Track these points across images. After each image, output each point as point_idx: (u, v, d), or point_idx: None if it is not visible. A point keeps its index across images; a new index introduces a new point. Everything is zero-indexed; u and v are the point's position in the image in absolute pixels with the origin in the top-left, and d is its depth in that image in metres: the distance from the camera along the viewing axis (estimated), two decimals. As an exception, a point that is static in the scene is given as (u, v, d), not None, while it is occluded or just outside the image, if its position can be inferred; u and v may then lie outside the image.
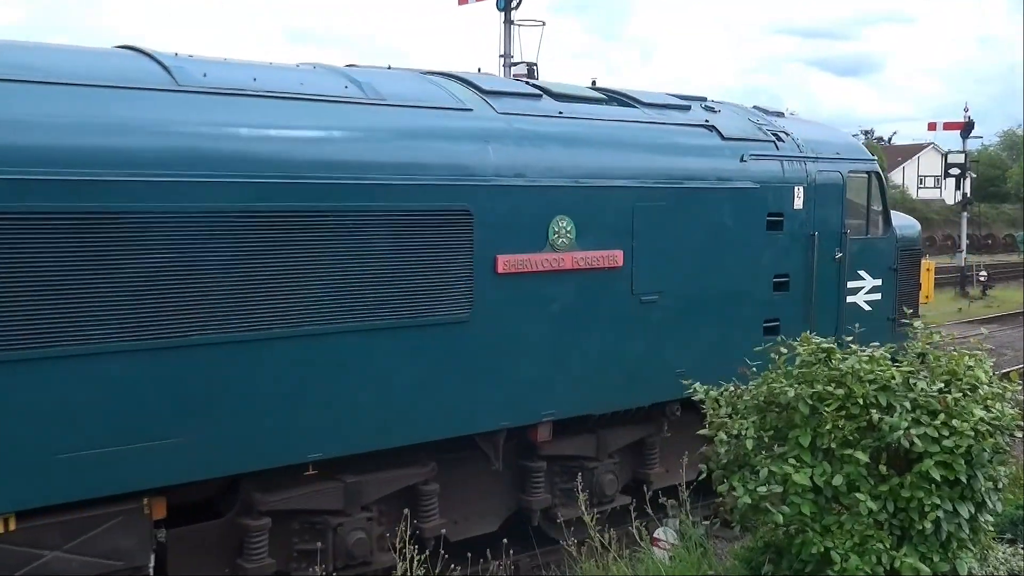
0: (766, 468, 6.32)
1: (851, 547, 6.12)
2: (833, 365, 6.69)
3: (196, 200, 6.86)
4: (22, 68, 6.59)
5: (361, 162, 7.68)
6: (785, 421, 6.61)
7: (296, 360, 7.41)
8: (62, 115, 6.54)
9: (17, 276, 6.23)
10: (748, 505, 6.28)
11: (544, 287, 8.79)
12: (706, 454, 7.12)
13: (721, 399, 7.18)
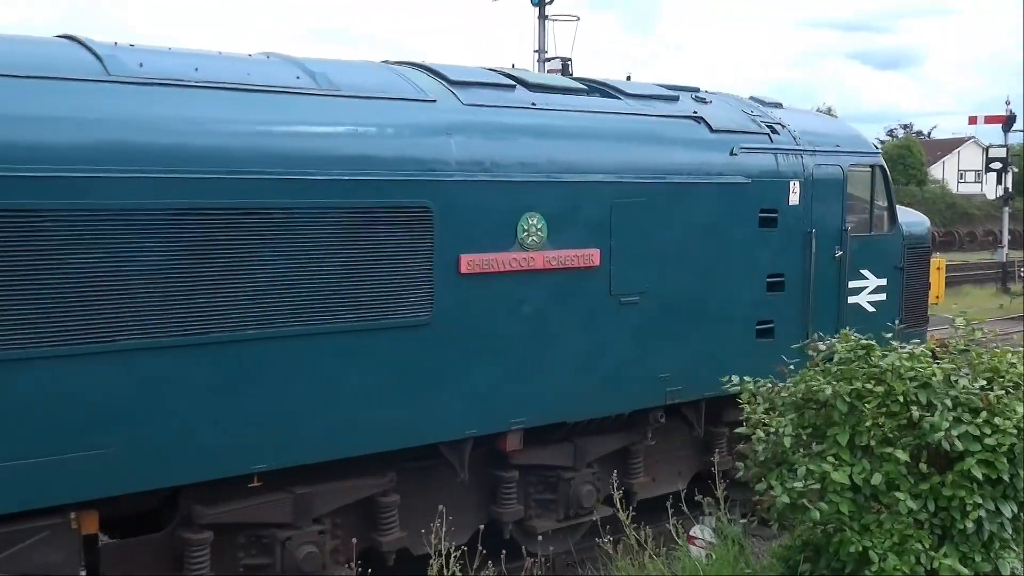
0: (804, 466, 6.28)
1: (890, 547, 6.06)
2: (872, 362, 6.61)
3: (122, 197, 6.47)
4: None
5: (308, 156, 7.27)
6: (823, 419, 6.57)
7: (235, 366, 7.01)
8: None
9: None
10: (786, 504, 6.23)
11: (513, 288, 8.35)
12: (743, 452, 7.13)
13: (759, 395, 7.10)
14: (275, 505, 7.57)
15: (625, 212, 8.99)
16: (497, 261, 8.20)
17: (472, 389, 8.20)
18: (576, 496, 9.28)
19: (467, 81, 8.60)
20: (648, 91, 9.98)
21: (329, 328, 7.38)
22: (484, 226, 8.14)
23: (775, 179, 10.22)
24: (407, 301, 7.75)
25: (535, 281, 8.47)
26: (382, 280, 7.60)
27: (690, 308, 9.58)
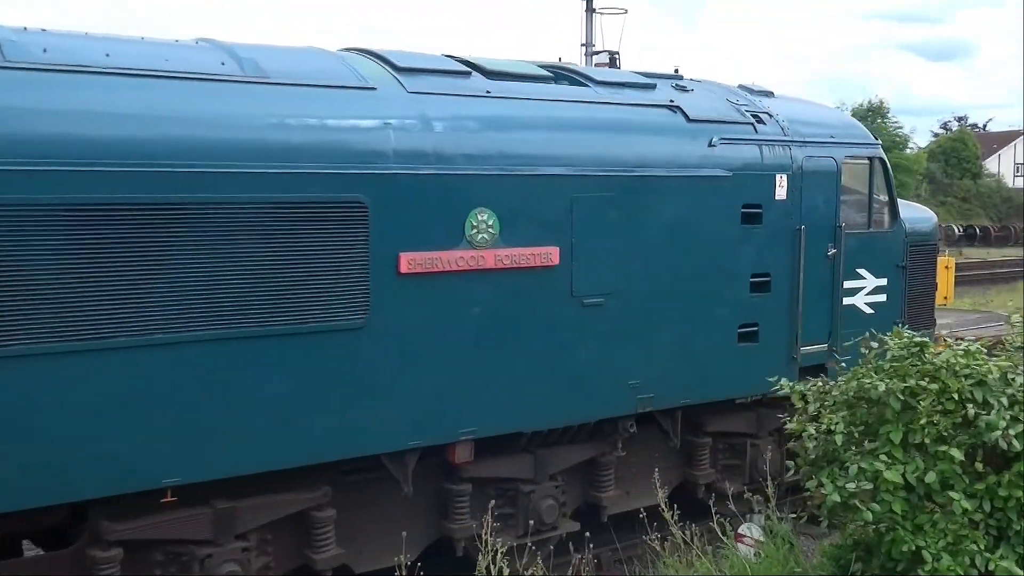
0: (856, 464, 6.22)
1: (944, 547, 6.01)
2: (927, 359, 6.59)
3: (11, 191, 6.03)
4: None
5: (225, 147, 6.79)
6: (876, 416, 6.53)
7: (144, 373, 6.53)
8: None
9: None
10: (837, 503, 6.19)
11: (461, 289, 7.81)
12: (793, 450, 7.08)
13: (809, 394, 7.03)
14: (192, 521, 7.09)
15: (588, 208, 8.41)
16: (442, 260, 7.67)
17: (414, 397, 7.68)
18: (536, 511, 8.72)
19: (415, 68, 8.08)
20: (621, 79, 9.39)
21: (251, 332, 6.89)
22: (428, 222, 7.61)
23: (759, 172, 9.58)
24: (339, 303, 7.24)
25: (486, 281, 7.93)
26: (311, 281, 7.10)
27: (663, 310, 8.99)
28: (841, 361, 7.38)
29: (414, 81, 7.91)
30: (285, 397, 7.09)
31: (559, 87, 8.89)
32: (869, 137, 10.81)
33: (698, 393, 9.43)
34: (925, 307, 11.35)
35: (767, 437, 10.34)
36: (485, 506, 8.60)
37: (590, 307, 8.53)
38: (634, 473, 9.71)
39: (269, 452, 7.09)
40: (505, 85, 8.46)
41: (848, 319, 10.37)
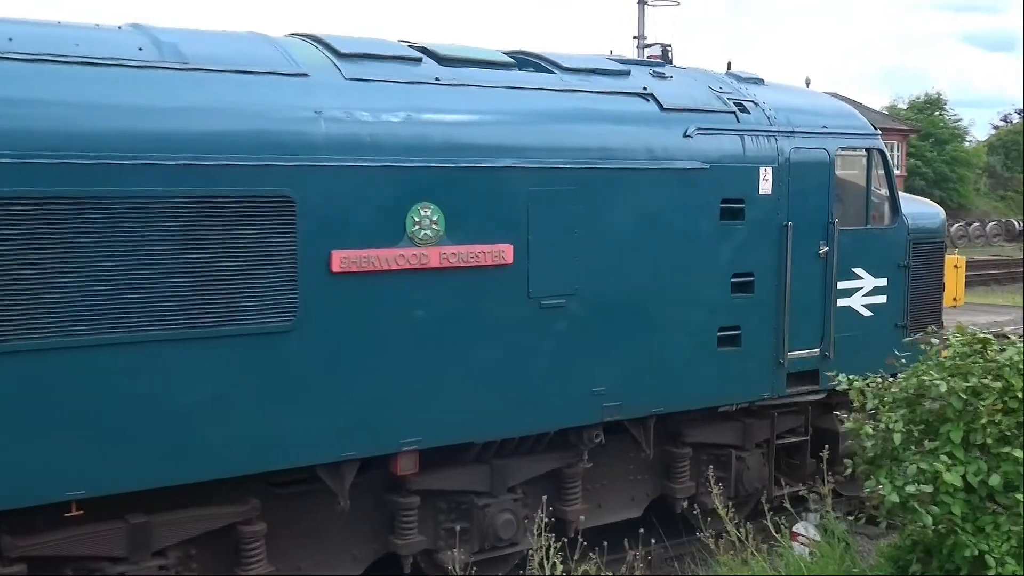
0: (915, 464, 6.14)
1: (1008, 550, 5.90)
2: (989, 357, 6.46)
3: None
4: None
5: (135, 137, 6.33)
6: (936, 415, 6.39)
7: (42, 379, 6.14)
8: None
9: None
10: (895, 503, 6.10)
11: (402, 289, 7.30)
12: (851, 448, 7.03)
13: (867, 391, 6.90)
14: (103, 536, 6.66)
15: (546, 202, 7.87)
16: (380, 258, 7.17)
17: (349, 405, 7.18)
18: (492, 526, 8.20)
19: (358, 53, 7.58)
20: (591, 65, 8.81)
21: (163, 336, 6.45)
22: (364, 218, 7.12)
23: (741, 165, 8.97)
24: (263, 304, 6.77)
25: (430, 281, 7.42)
26: (231, 281, 6.63)
27: (632, 312, 8.42)
28: (900, 357, 7.22)
29: (354, 67, 7.42)
30: (203, 405, 6.64)
31: (519, 74, 8.35)
32: (867, 127, 10.13)
33: (673, 401, 8.84)
34: (931, 309, 10.65)
35: (754, 450, 9.73)
36: (436, 520, 8.18)
37: (549, 309, 7.98)
38: (606, 485, 9.17)
39: (185, 464, 6.64)
40: (458, 72, 7.95)
41: (843, 322, 9.73)
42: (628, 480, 9.31)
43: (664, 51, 25.89)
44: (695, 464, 9.58)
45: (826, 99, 10.43)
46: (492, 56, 8.44)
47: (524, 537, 8.49)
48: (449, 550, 8.15)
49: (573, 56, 8.91)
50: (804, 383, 9.65)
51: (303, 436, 7.05)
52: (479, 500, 8.19)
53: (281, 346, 6.89)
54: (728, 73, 9.87)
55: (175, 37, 6.99)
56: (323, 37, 7.74)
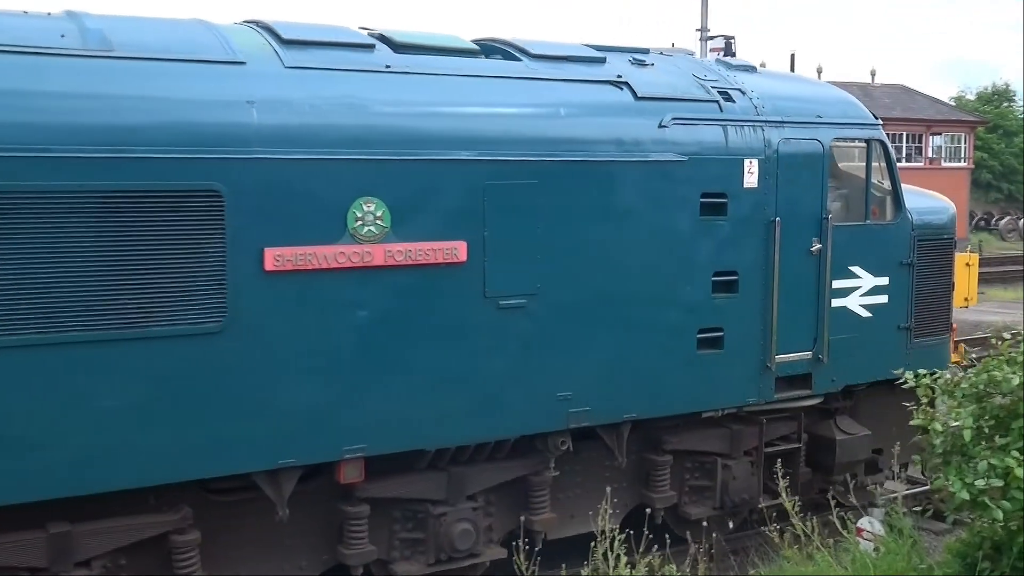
0: (986, 460, 6.08)
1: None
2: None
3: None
4: None
5: (47, 129, 6.00)
6: (1007, 410, 6.38)
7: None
8: None
9: None
10: (965, 500, 6.07)
11: (344, 288, 6.92)
12: (919, 444, 7.03)
13: (937, 386, 6.91)
14: (21, 546, 6.38)
15: (504, 197, 7.44)
16: (318, 256, 6.79)
17: (287, 411, 6.80)
18: (447, 536, 7.80)
19: (303, 40, 7.19)
20: (563, 52, 8.33)
21: (81, 337, 6.15)
22: (300, 214, 6.73)
23: (723, 157, 8.44)
24: (190, 305, 6.43)
25: (374, 280, 7.02)
26: (155, 280, 6.28)
27: (601, 313, 7.95)
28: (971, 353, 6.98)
29: (297, 55, 7.04)
30: (128, 409, 6.31)
31: (480, 62, 7.90)
32: (867, 116, 9.51)
33: (647, 407, 8.35)
34: (939, 310, 10.02)
35: (742, 458, 9.21)
36: (391, 529, 7.82)
37: (507, 310, 7.55)
38: (579, 494, 8.71)
39: (108, 471, 6.33)
40: (413, 60, 7.53)
41: (839, 323, 9.16)
42: (603, 489, 8.81)
43: (728, 44, 25.81)
44: (678, 472, 9.10)
45: (822, 87, 9.84)
46: (454, 43, 8.01)
47: (486, 548, 8.11)
48: (403, 561, 7.81)
49: (545, 43, 8.44)
50: (795, 388, 9.11)
51: (236, 442, 6.70)
52: (435, 509, 7.78)
53: (210, 348, 6.53)
54: (719, 60, 9.37)
55: (104, 24, 6.66)
56: (269, 23, 7.36)
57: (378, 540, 7.73)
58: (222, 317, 6.52)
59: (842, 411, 9.89)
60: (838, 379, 9.34)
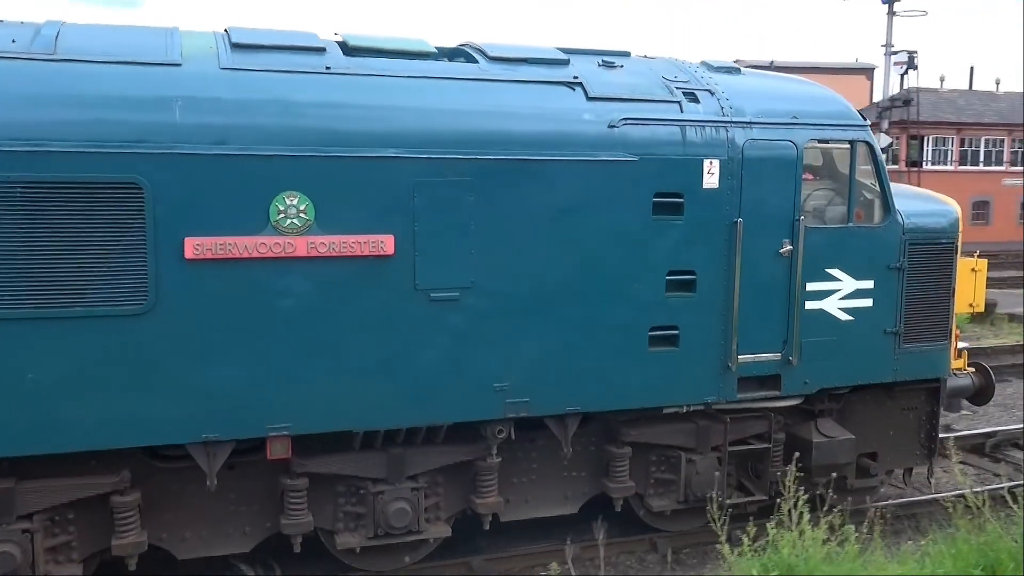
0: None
1: None
2: None
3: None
4: None
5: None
6: None
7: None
8: None
9: None
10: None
11: (267, 277, 6.84)
12: None
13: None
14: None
15: (435, 192, 7.17)
16: (239, 246, 6.74)
17: (209, 389, 6.82)
18: (384, 513, 7.63)
19: (251, 44, 7.15)
20: (524, 55, 7.95)
21: (7, 315, 6.32)
22: (222, 206, 6.70)
23: (679, 157, 7.85)
24: (114, 288, 6.50)
25: (298, 270, 6.91)
26: (80, 264, 6.40)
27: (541, 308, 7.57)
28: None
29: (238, 58, 7.01)
30: (58, 381, 6.46)
31: (428, 64, 7.63)
32: (852, 117, 8.64)
33: (594, 401, 7.91)
34: (935, 317, 9.04)
35: (709, 454, 8.61)
36: (336, 503, 7.73)
37: (439, 302, 7.29)
38: (534, 480, 8.37)
39: (41, 437, 6.50)
40: (357, 62, 7.36)
41: (814, 326, 8.41)
42: (561, 477, 8.46)
43: (910, 58, 25.38)
44: (644, 465, 8.60)
45: (806, 88, 8.98)
46: (411, 47, 7.78)
47: (430, 526, 7.90)
48: (346, 532, 7.71)
49: (508, 46, 8.08)
50: (764, 388, 8.43)
51: (161, 416, 6.76)
52: (374, 487, 7.65)
53: (134, 329, 6.61)
54: (703, 63, 8.70)
55: (58, 31, 6.82)
56: (232, 29, 7.37)
57: (324, 512, 7.68)
58: (144, 301, 6.57)
59: (827, 413, 9.09)
60: (812, 381, 8.58)
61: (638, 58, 8.55)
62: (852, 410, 9.29)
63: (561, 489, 8.46)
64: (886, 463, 9.56)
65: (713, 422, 8.59)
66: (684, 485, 8.56)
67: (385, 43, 7.72)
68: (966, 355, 9.83)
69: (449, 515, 8.08)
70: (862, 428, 9.30)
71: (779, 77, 9.15)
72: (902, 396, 9.50)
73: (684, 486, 8.56)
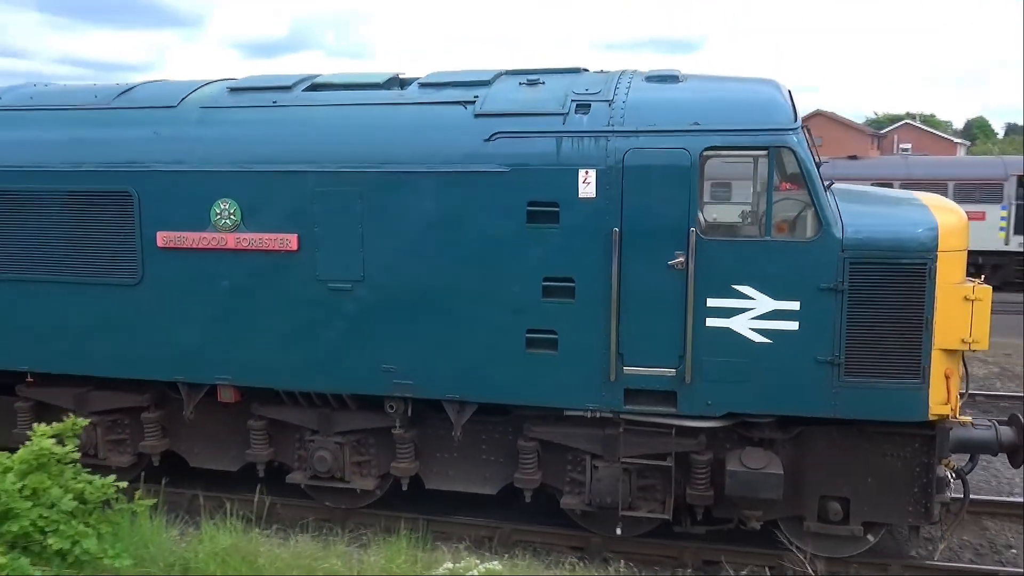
0: None
1: None
2: None
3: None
4: None
5: (38, 151, 8.11)
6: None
7: (10, 295, 8.32)
8: None
9: None
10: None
11: (209, 263, 7.77)
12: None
13: None
14: (64, 393, 8.54)
15: (332, 201, 7.43)
16: (189, 239, 7.78)
17: (179, 343, 7.96)
18: (311, 458, 8.00)
19: (242, 88, 8.11)
20: (450, 79, 7.67)
21: (59, 279, 8.12)
22: (179, 209, 7.79)
23: (554, 167, 6.95)
24: (121, 266, 7.99)
25: (229, 259, 7.72)
26: (100, 249, 8.01)
27: (424, 303, 7.35)
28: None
29: (223, 98, 8.01)
30: (84, 324, 8.14)
31: (354, 93, 7.77)
32: (771, 122, 6.60)
33: (472, 392, 7.39)
34: (898, 350, 6.52)
35: (615, 463, 7.35)
36: (291, 444, 8.33)
37: (336, 291, 7.52)
38: (456, 457, 7.99)
39: (73, 362, 8.25)
40: (307, 95, 7.87)
41: (717, 345, 6.80)
42: (483, 459, 7.92)
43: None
44: (561, 463, 7.67)
45: (725, 94, 6.99)
46: (363, 80, 7.98)
47: (357, 479, 8.07)
48: (296, 471, 8.26)
49: (449, 73, 7.83)
50: (659, 403, 6.99)
51: (150, 359, 8.06)
52: (308, 436, 8.09)
53: (131, 294, 8.03)
54: (648, 73, 7.42)
55: (129, 87, 8.48)
56: (243, 78, 8.36)
57: (285, 451, 8.34)
58: (135, 276, 7.95)
59: (772, 444, 7.12)
60: (715, 404, 6.89)
61: (573, 74, 7.63)
62: (812, 446, 7.15)
63: (481, 471, 7.95)
64: (863, 514, 7.14)
65: (618, 431, 7.33)
66: (590, 489, 7.45)
67: (345, 79, 8.08)
68: (955, 399, 6.77)
69: (379, 474, 8.14)
70: (823, 467, 7.14)
71: (708, 83, 7.28)
72: (883, 440, 7.03)
73: (590, 490, 7.45)
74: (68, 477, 5.51)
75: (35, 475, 5.34)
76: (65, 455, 5.53)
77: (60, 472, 5.49)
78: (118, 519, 5.77)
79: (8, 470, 5.37)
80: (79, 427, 5.80)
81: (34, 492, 5.29)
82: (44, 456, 5.42)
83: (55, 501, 5.27)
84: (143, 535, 6.50)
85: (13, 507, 5.06)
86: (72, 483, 5.47)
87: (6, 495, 5.08)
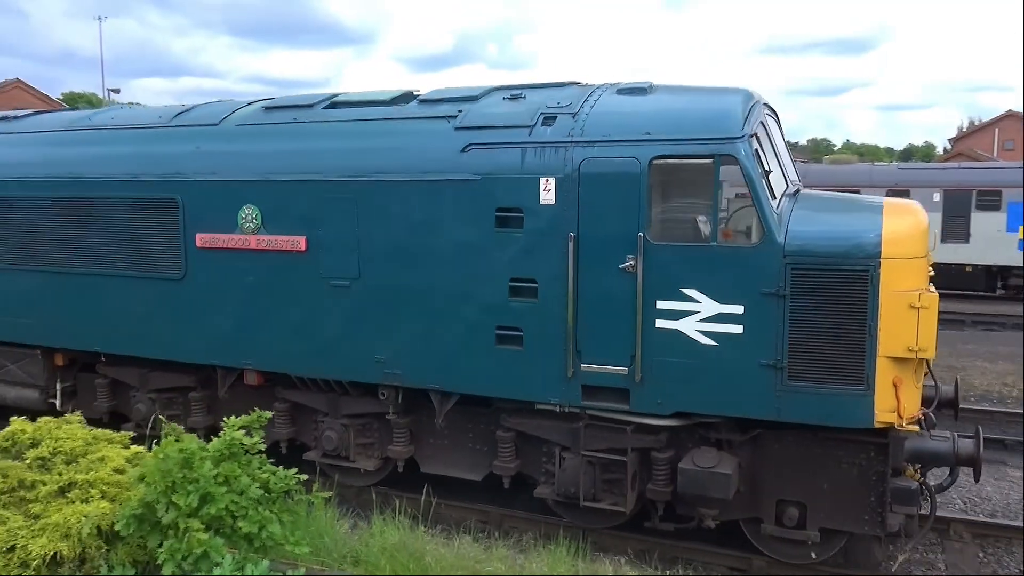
0: None
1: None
2: None
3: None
4: None
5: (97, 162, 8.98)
6: None
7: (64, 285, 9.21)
8: None
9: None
10: None
11: (236, 261, 8.37)
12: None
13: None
14: (130, 372, 9.41)
15: (332, 207, 7.85)
16: (220, 240, 8.41)
17: (215, 331, 8.60)
18: (323, 437, 8.41)
19: (275, 107, 8.68)
20: (448, 95, 7.91)
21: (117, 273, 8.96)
22: (213, 213, 8.43)
23: (519, 176, 7.06)
24: (167, 263, 8.74)
25: (252, 258, 8.28)
26: (151, 248, 8.80)
27: (409, 300, 7.64)
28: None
29: (256, 115, 8.60)
30: (139, 312, 8.93)
31: (360, 110, 8.14)
32: (717, 131, 6.37)
33: (450, 383, 7.58)
34: (840, 356, 6.16)
35: (579, 455, 7.32)
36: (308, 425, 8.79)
37: (336, 288, 7.93)
38: (447, 445, 8.19)
39: (134, 344, 9.05)
40: (324, 112, 8.34)
41: (666, 345, 6.71)
42: (470, 447, 8.06)
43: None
44: (537, 453, 7.71)
45: (676, 104, 6.76)
46: (377, 97, 8.34)
47: (361, 459, 8.40)
48: (313, 449, 8.70)
49: (448, 89, 8.07)
50: (613, 400, 6.93)
51: (193, 344, 8.75)
52: (319, 417, 8.51)
53: (177, 287, 8.76)
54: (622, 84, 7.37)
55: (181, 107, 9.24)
56: (281, 97, 8.94)
57: (304, 431, 8.80)
58: (180, 271, 8.67)
59: (730, 445, 6.89)
60: (665, 403, 6.77)
61: (557, 88, 7.67)
62: (769, 449, 6.86)
63: (468, 458, 8.09)
64: (819, 520, 6.77)
65: (580, 424, 7.30)
66: (558, 479, 7.45)
67: (362, 96, 8.47)
68: (910, 411, 6.24)
69: (381, 456, 8.44)
70: (779, 471, 6.83)
71: (672, 94, 7.06)
72: (837, 446, 6.64)
73: (558, 480, 7.45)
74: (255, 467, 5.49)
75: (227, 463, 5.33)
76: (253, 446, 5.50)
77: (248, 462, 5.47)
78: (298, 509, 5.67)
79: (206, 458, 5.34)
80: (264, 419, 5.72)
81: (226, 479, 5.26)
82: (235, 446, 5.43)
83: (244, 488, 5.26)
84: (319, 525, 6.49)
85: (211, 491, 5.10)
86: (259, 472, 5.45)
87: (204, 480, 5.13)
